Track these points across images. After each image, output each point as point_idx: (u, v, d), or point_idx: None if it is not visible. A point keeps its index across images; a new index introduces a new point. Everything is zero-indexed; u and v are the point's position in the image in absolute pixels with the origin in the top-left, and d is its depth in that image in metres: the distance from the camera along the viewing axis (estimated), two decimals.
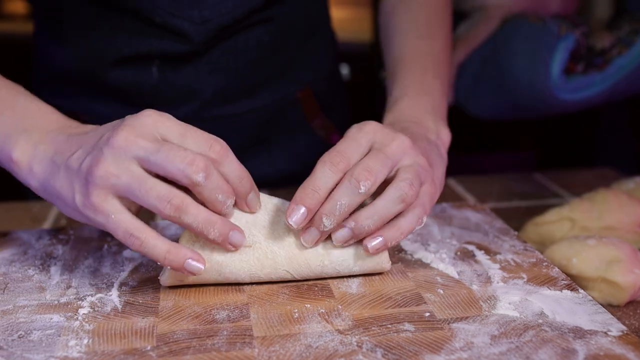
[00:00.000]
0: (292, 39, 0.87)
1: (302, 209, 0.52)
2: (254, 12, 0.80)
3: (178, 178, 0.50)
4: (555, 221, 0.73)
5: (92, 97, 0.86)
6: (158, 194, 0.50)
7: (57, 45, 0.84)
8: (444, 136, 0.69)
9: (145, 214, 0.57)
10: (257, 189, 0.56)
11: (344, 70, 1.76)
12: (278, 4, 0.82)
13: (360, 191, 0.52)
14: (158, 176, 0.51)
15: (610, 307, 0.59)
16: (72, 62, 0.83)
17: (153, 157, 0.50)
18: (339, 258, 0.56)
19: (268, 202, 0.57)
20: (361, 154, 0.55)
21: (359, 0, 2.23)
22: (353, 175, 0.52)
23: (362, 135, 0.55)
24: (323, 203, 0.53)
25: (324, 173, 0.53)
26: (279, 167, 0.95)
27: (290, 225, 0.53)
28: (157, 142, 0.51)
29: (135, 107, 0.84)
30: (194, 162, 0.49)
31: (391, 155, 0.54)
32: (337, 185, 0.53)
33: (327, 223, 0.53)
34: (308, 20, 0.89)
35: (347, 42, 1.66)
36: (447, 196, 0.89)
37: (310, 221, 0.53)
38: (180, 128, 0.52)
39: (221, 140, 0.53)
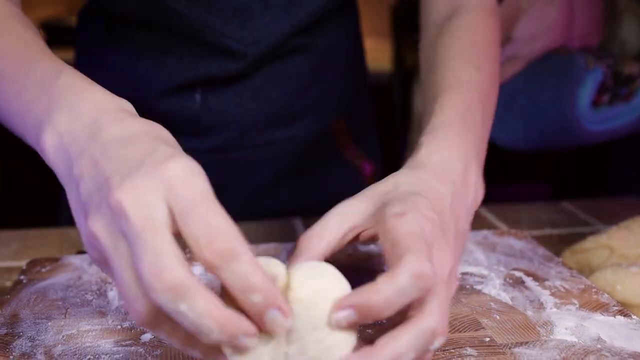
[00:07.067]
0: (330, 70, 0.89)
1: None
2: (298, 33, 0.82)
3: None
4: (594, 249, 0.74)
5: None
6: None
7: (101, 78, 0.86)
8: (479, 195, 0.56)
9: None
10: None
11: None
12: (319, 28, 0.85)
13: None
14: None
15: None
16: (118, 94, 0.85)
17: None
18: None
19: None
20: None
21: (378, 30, 2.26)
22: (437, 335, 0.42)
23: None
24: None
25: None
26: (313, 198, 0.96)
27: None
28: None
29: (176, 137, 0.86)
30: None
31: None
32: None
33: None
34: (346, 53, 0.92)
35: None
36: (480, 224, 0.90)
37: None
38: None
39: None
